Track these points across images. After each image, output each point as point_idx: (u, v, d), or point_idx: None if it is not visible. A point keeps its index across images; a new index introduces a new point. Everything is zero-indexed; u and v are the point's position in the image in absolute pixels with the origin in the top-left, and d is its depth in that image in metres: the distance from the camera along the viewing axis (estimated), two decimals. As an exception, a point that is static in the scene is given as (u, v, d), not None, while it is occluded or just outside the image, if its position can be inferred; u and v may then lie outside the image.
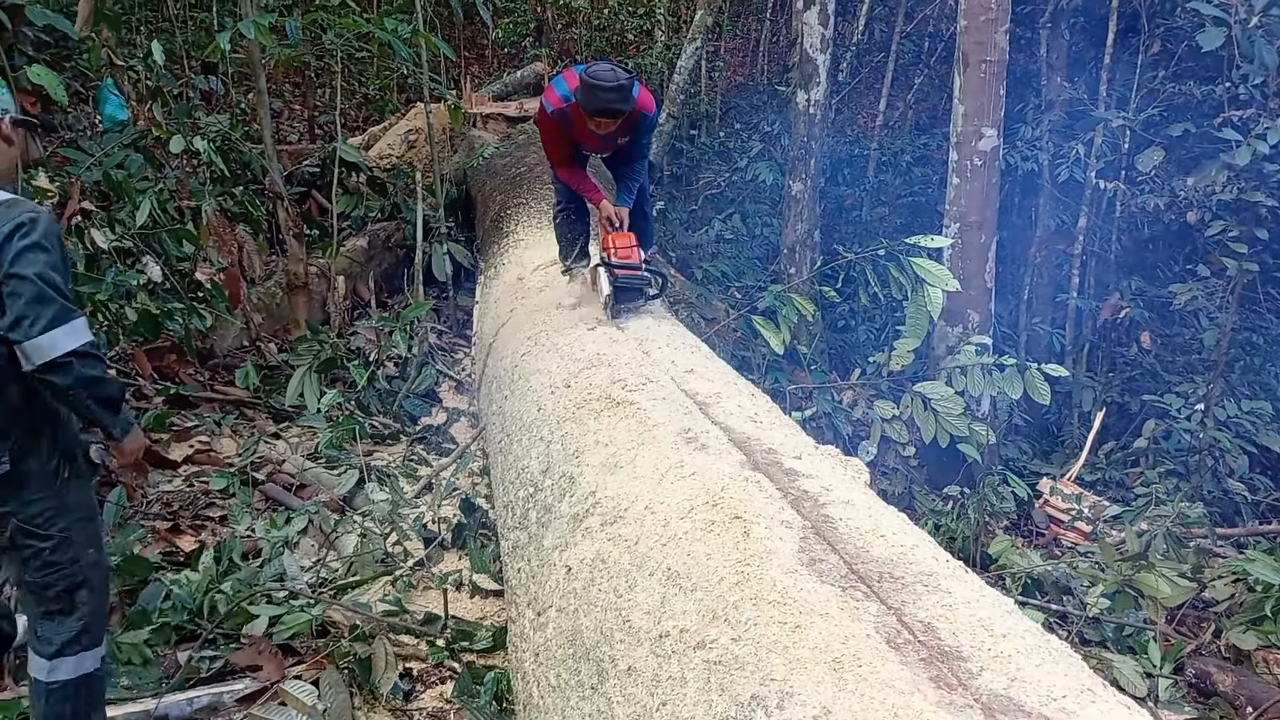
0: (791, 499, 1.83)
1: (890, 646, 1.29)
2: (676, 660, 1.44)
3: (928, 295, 5.93)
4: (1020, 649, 1.30)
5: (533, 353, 3.82)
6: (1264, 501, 6.56)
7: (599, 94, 3.55)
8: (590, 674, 1.63)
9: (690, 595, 1.57)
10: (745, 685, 1.30)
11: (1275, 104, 6.14)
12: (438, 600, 3.31)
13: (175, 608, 3.10)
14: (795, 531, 1.66)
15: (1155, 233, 9.75)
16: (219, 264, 5.01)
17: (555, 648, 1.83)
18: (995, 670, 1.24)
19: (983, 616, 1.39)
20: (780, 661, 1.31)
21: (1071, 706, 1.16)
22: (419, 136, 9.43)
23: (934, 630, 1.34)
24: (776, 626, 1.38)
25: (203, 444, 4.63)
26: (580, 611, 1.81)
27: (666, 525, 1.83)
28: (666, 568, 1.69)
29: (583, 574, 1.91)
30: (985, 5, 5.97)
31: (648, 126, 3.95)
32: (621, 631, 1.62)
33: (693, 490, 1.92)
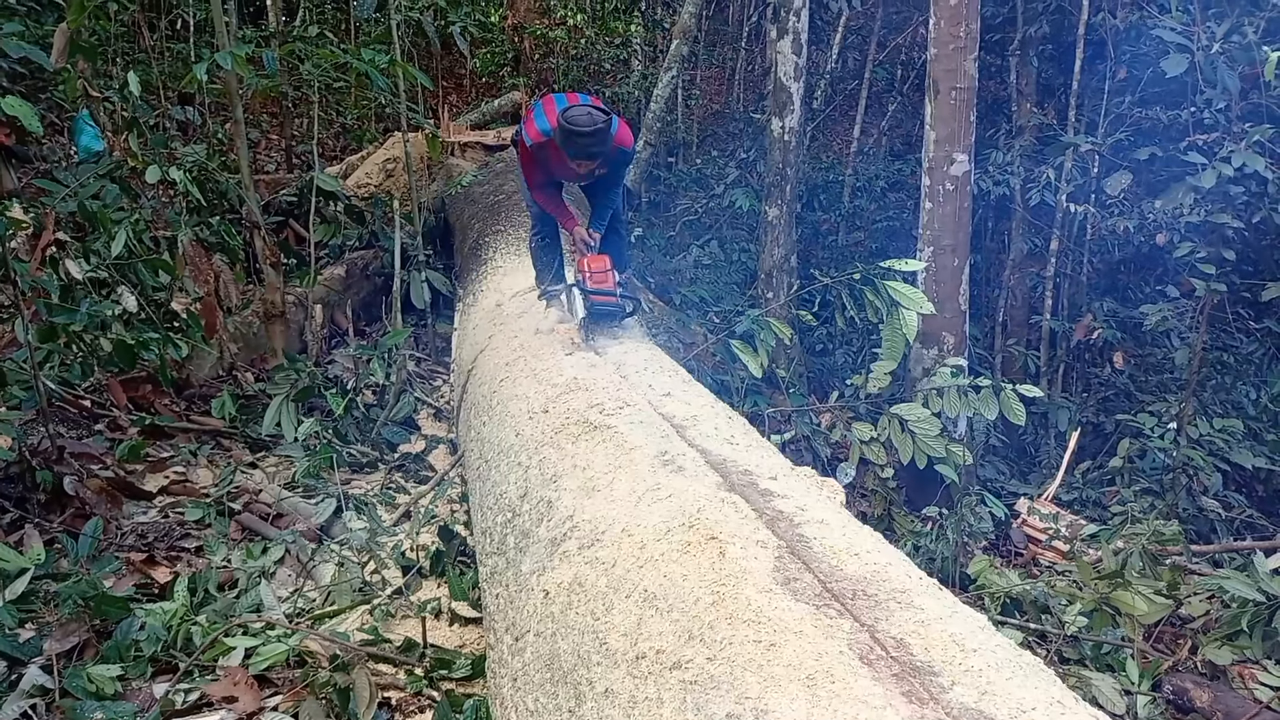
0: (767, 519, 1.84)
1: (863, 663, 1.31)
2: (653, 681, 1.45)
3: (903, 318, 6.00)
4: (991, 663, 1.32)
5: (511, 378, 3.83)
6: (1238, 518, 6.63)
7: (577, 140, 3.62)
8: (568, 697, 1.63)
9: (666, 616, 1.58)
10: (721, 704, 1.31)
11: (1238, 128, 6.28)
12: (416, 628, 3.29)
13: (150, 639, 3.07)
14: (770, 551, 1.68)
15: (1125, 255, 9.92)
16: (195, 294, 5.00)
17: (533, 672, 1.83)
18: (966, 684, 1.25)
19: (954, 632, 1.41)
20: (755, 680, 1.32)
21: (1041, 718, 1.17)
22: (397, 165, 9.45)
23: (906, 646, 1.35)
24: (751, 645, 1.39)
25: (178, 474, 4.59)
26: (558, 635, 1.81)
27: (643, 547, 1.84)
28: (643, 589, 1.70)
29: (560, 598, 1.92)
30: (954, 34, 6.09)
31: (624, 160, 4.02)
32: (599, 654, 1.63)
33: (669, 512, 1.93)
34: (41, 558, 3.48)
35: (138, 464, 4.56)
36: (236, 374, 5.65)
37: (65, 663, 3.03)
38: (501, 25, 17.10)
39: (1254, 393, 7.87)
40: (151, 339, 4.73)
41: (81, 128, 6.86)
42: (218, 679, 3.01)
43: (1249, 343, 8.43)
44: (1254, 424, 7.62)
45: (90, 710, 2.87)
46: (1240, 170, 6.10)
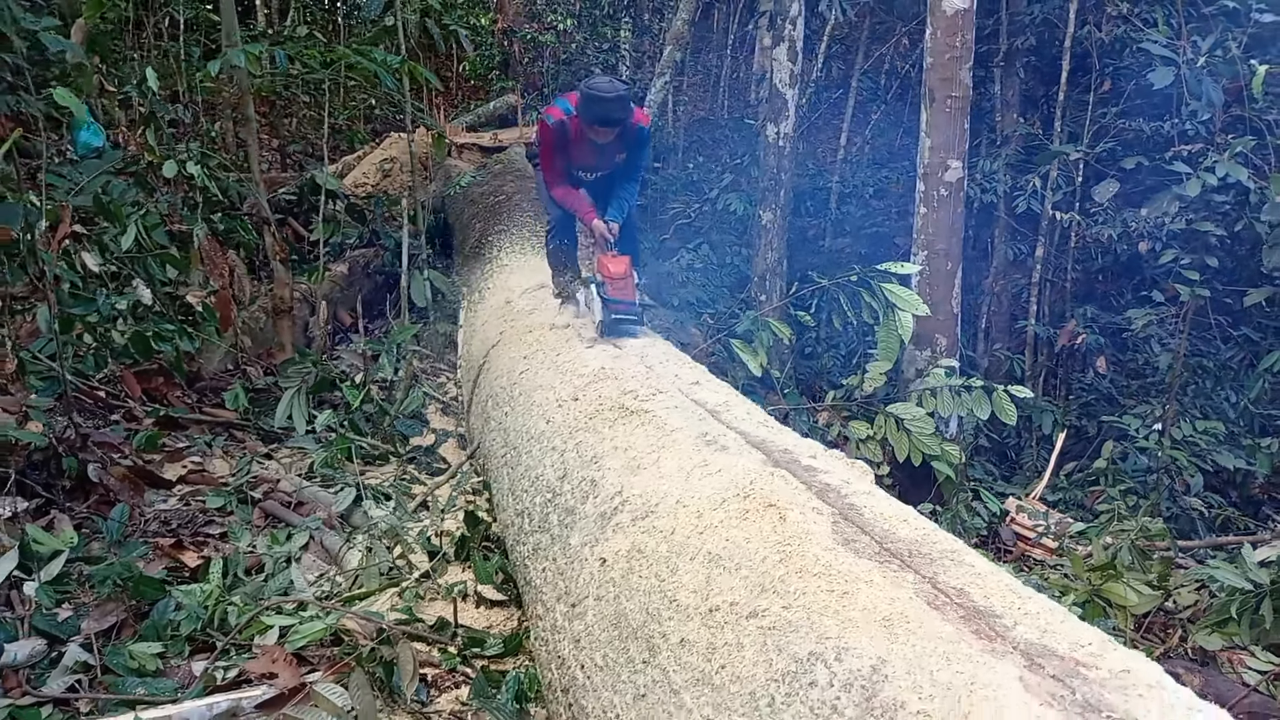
0: (816, 490, 1.97)
1: (931, 607, 1.43)
2: (730, 629, 1.57)
3: (898, 320, 6.17)
4: (1044, 609, 1.45)
5: (532, 370, 3.94)
6: (1219, 517, 6.84)
7: (598, 103, 3.73)
8: (640, 650, 1.74)
9: (735, 574, 1.70)
10: (802, 644, 1.43)
11: (1221, 139, 6.49)
12: (443, 611, 3.38)
13: (190, 618, 3.14)
14: (826, 517, 1.80)
15: (1107, 263, 10.17)
16: (211, 287, 5.06)
17: (598, 632, 1.94)
18: (1027, 625, 1.38)
19: (1008, 583, 1.54)
20: (833, 623, 1.44)
21: (1097, 651, 1.30)
22: (394, 165, 9.54)
23: (967, 594, 1.48)
24: (825, 594, 1.51)
25: (195, 464, 4.65)
26: (622, 597, 1.93)
27: (700, 516, 1.96)
28: (707, 552, 1.82)
29: (619, 565, 2.03)
30: (950, 44, 6.27)
31: (642, 141, 4.12)
32: (669, 610, 1.74)
33: (722, 484, 2.05)
34: (74, 541, 3.54)
35: (155, 454, 4.61)
36: (245, 368, 5.72)
37: (104, 641, 3.10)
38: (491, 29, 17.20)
39: (1234, 397, 8.10)
40: (168, 330, 4.80)
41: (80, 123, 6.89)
42: (254, 657, 3.09)
43: (1228, 349, 8.67)
44: (1232, 427, 7.84)
45: (132, 686, 2.94)
46: (1223, 180, 6.32)
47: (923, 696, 1.22)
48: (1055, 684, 1.22)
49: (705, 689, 1.51)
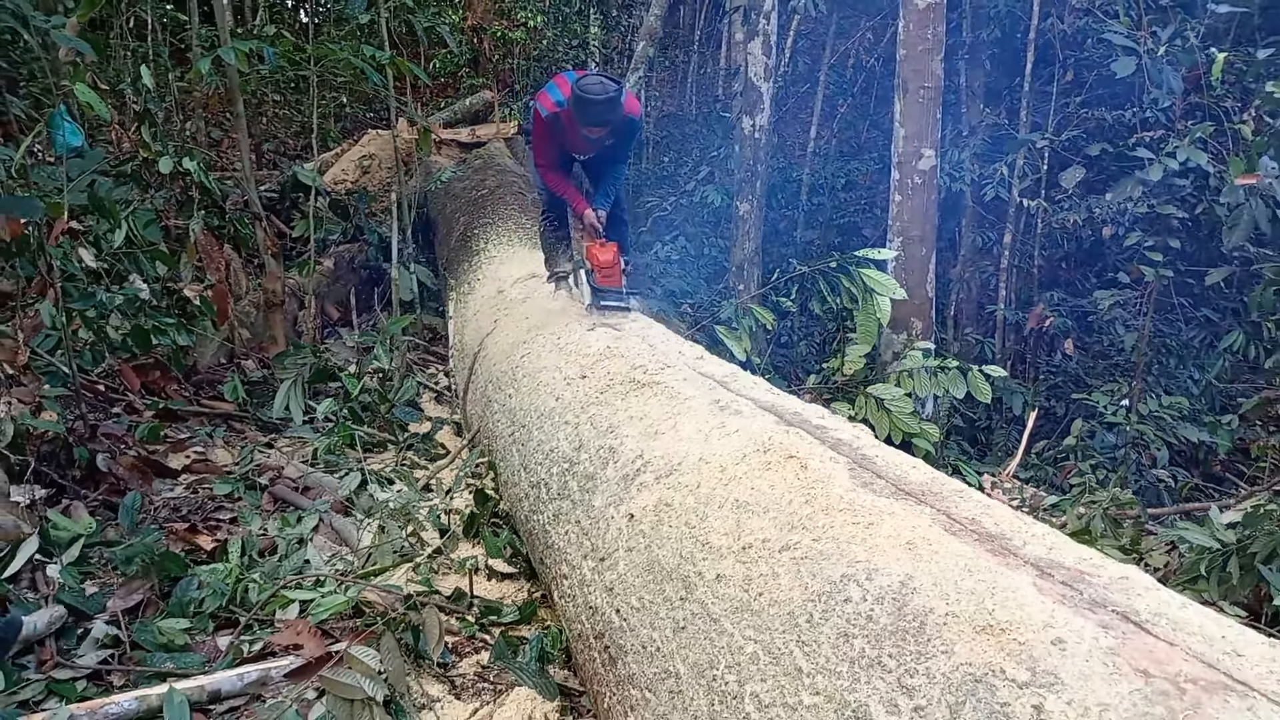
0: (830, 444, 2.13)
1: (949, 533, 1.59)
2: (764, 562, 1.73)
3: (876, 304, 6.37)
4: (1048, 533, 1.62)
5: (533, 353, 4.07)
6: (1184, 486, 7.12)
7: (591, 107, 3.85)
8: (676, 589, 1.89)
9: (764, 516, 1.86)
10: (834, 569, 1.59)
11: (1182, 125, 6.75)
12: (457, 585, 3.51)
13: (214, 594, 3.25)
14: (843, 465, 1.96)
15: (1073, 248, 10.46)
16: (207, 281, 5.14)
17: (631, 579, 2.08)
18: (1035, 544, 1.55)
19: (1013, 514, 1.71)
20: (861, 549, 1.60)
21: (1099, 564, 1.48)
22: (373, 162, 9.60)
23: (979, 522, 1.65)
24: (851, 526, 1.67)
25: (198, 454, 4.74)
26: (654, 546, 2.07)
27: (724, 470, 2.12)
28: (734, 500, 1.97)
29: (647, 519, 2.18)
30: (923, 36, 6.47)
31: (634, 129, 4.25)
32: (702, 552, 1.90)
33: (741, 442, 2.21)
34: (93, 527, 3.63)
35: (158, 444, 4.70)
36: (239, 361, 5.79)
37: (130, 619, 3.20)
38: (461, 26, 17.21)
39: (1196, 374, 8.40)
40: (167, 324, 4.87)
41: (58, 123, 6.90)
42: (278, 631, 3.21)
43: (1190, 329, 8.98)
44: (1195, 404, 8.13)
45: (160, 661, 3.05)
46: (1184, 165, 6.57)
47: (949, 602, 1.39)
48: (1064, 588, 1.38)
49: (745, 614, 1.66)
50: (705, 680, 1.66)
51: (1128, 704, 1.11)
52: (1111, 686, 1.14)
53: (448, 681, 2.97)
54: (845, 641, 1.44)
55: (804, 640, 1.51)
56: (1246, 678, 1.13)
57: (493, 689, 2.93)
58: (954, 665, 1.28)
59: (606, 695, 2.09)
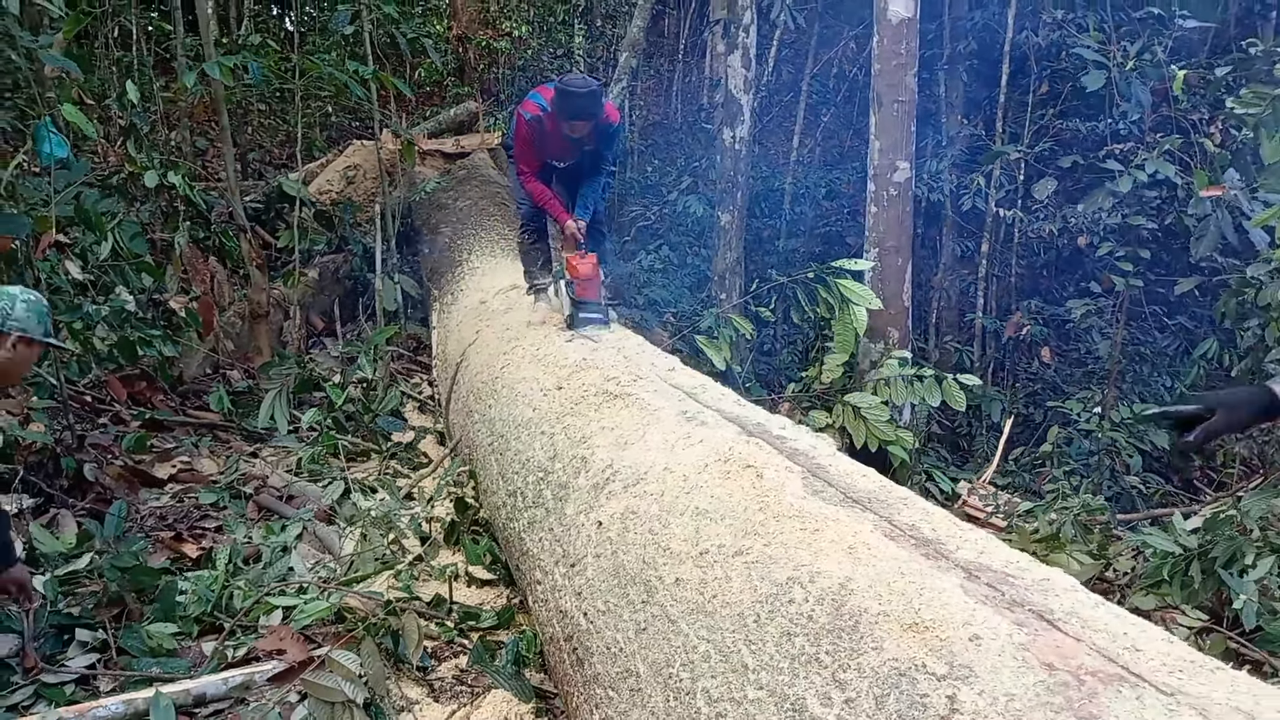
0: (787, 453, 2.24)
1: (888, 539, 1.70)
2: (719, 566, 1.83)
3: (853, 313, 6.50)
4: (981, 538, 1.74)
5: (513, 364, 4.17)
6: (1156, 494, 7.26)
7: (573, 99, 3.98)
8: (639, 593, 2.00)
9: (721, 523, 1.96)
10: (781, 572, 1.70)
11: (1151, 138, 6.91)
12: (437, 591, 3.60)
13: (199, 601, 3.34)
14: (797, 474, 2.07)
15: (1049, 257, 10.64)
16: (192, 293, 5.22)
17: (598, 583, 2.19)
18: (967, 549, 1.66)
19: (952, 521, 1.82)
20: (806, 554, 1.71)
21: (1025, 567, 1.59)
22: (358, 173, 9.67)
23: (917, 529, 1.76)
24: (798, 532, 1.78)
25: (184, 464, 4.82)
26: (619, 552, 2.18)
27: (686, 479, 2.22)
28: (695, 508, 2.08)
29: (615, 525, 2.28)
30: (896, 51, 6.61)
31: (613, 134, 4.37)
32: (664, 557, 2.00)
33: (704, 452, 2.32)
34: (73, 543, 3.70)
35: (145, 454, 4.78)
36: (224, 371, 5.87)
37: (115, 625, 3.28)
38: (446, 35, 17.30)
39: (1170, 381, 8.55)
40: (153, 335, 4.95)
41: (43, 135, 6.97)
42: (262, 636, 3.29)
43: (1164, 338, 9.14)
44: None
45: (147, 665, 3.13)
46: (1153, 176, 6.73)
47: (882, 602, 1.50)
48: (988, 589, 1.50)
49: (699, 616, 1.77)
50: (662, 678, 1.76)
51: (1031, 694, 1.22)
52: (1019, 678, 1.25)
53: (427, 685, 3.06)
54: (788, 640, 1.55)
55: (751, 639, 1.62)
56: (1141, 670, 1.24)
57: (470, 692, 3.02)
58: (882, 660, 1.39)
59: (574, 695, 2.19)
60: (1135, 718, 1.13)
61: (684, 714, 1.64)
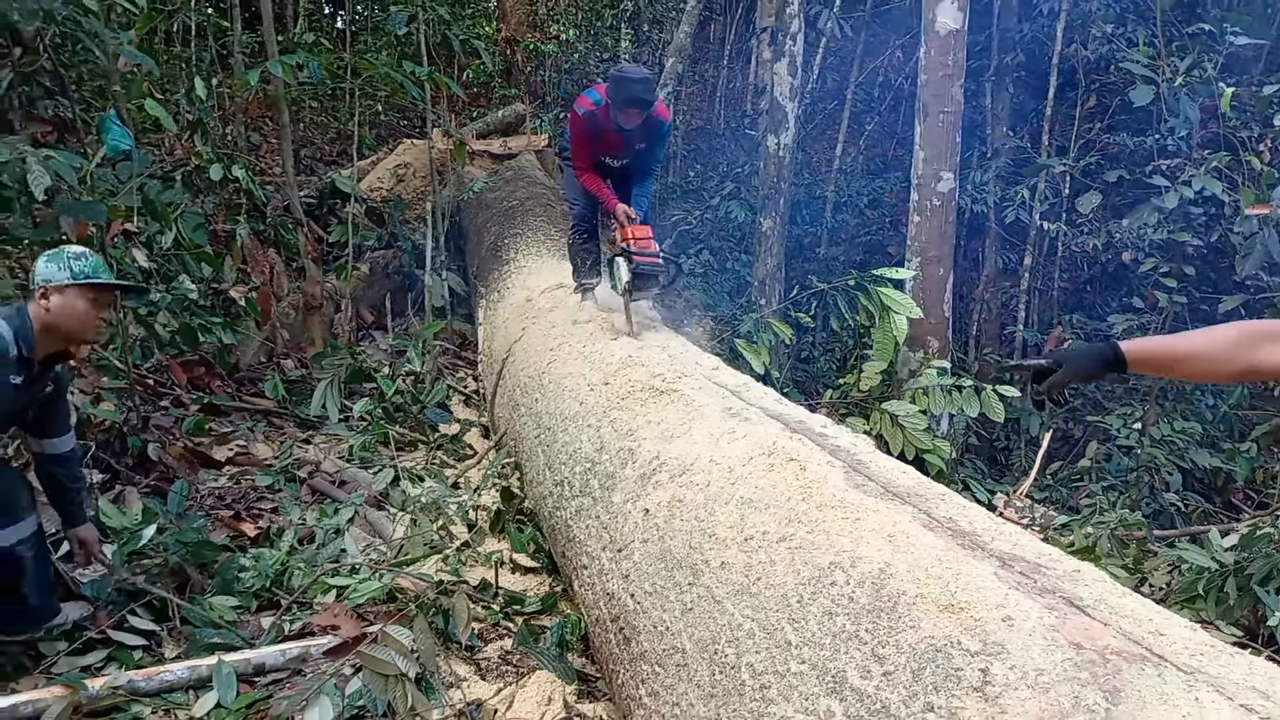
0: (829, 449, 2.33)
1: (926, 529, 1.80)
2: (764, 551, 1.93)
3: (893, 322, 6.55)
4: (1015, 532, 1.82)
5: (559, 360, 4.30)
6: (1195, 512, 7.23)
7: (628, 84, 4.11)
8: (685, 575, 2.11)
9: (765, 511, 2.07)
10: (823, 557, 1.80)
11: (1198, 154, 6.89)
12: (483, 576, 3.73)
13: (259, 576, 3.50)
14: (839, 469, 2.17)
15: (1093, 272, 10.58)
16: (252, 283, 5.41)
17: (645, 566, 2.30)
18: (1001, 541, 1.75)
19: (987, 516, 1.91)
20: (848, 541, 1.81)
21: (1057, 559, 1.67)
22: (408, 171, 9.90)
23: (955, 521, 1.85)
24: (840, 520, 1.88)
25: (241, 448, 5.01)
26: (666, 537, 2.29)
27: (731, 470, 2.33)
28: (739, 497, 2.18)
29: (661, 513, 2.39)
30: (944, 62, 6.66)
31: (663, 133, 4.49)
32: (710, 542, 2.11)
33: (748, 446, 2.42)
34: (139, 518, 3.88)
35: (203, 437, 4.97)
36: (279, 360, 6.06)
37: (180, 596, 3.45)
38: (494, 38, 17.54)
39: (1212, 400, 8.49)
40: (214, 323, 5.15)
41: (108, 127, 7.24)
42: (317, 612, 3.44)
43: (1206, 354, 9.06)
44: (1211, 430, 8.22)
45: (208, 636, 3.29)
46: (1200, 193, 6.72)
47: (920, 585, 1.59)
48: (1021, 577, 1.58)
49: (744, 597, 1.87)
50: (708, 654, 1.87)
51: (1059, 669, 1.31)
52: (1048, 655, 1.34)
53: (474, 664, 3.19)
54: (829, 619, 1.65)
55: (794, 618, 1.72)
56: (1164, 651, 1.33)
57: (515, 671, 3.15)
58: (919, 638, 1.48)
59: (621, 671, 2.30)
60: (1156, 692, 1.22)
61: (729, 686, 1.75)
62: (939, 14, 6.62)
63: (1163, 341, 1.82)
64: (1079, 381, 1.89)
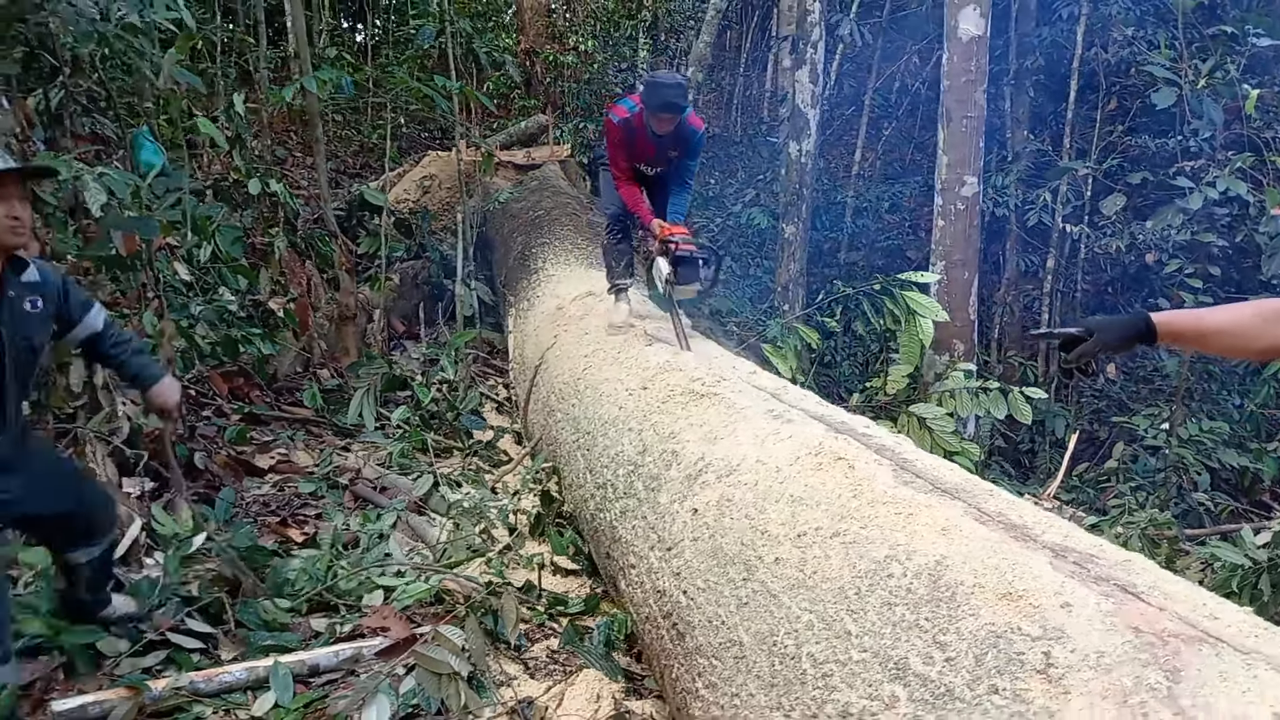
0: (874, 448, 2.40)
1: (978, 522, 1.86)
2: (818, 547, 2.00)
3: (919, 325, 6.59)
4: (1064, 524, 1.88)
5: (595, 366, 4.37)
6: (1224, 512, 7.22)
7: (661, 89, 4.21)
8: (739, 571, 2.17)
9: (816, 508, 2.13)
10: (878, 551, 1.86)
11: (1222, 155, 6.91)
12: (525, 579, 3.81)
13: (310, 579, 3.59)
14: (886, 466, 2.23)
15: (1116, 273, 10.58)
16: (290, 294, 5.53)
17: (697, 563, 2.37)
18: (1052, 533, 1.81)
19: (1035, 510, 1.96)
20: (901, 535, 1.87)
21: (1108, 549, 1.73)
22: (433, 182, 10.02)
23: (1005, 515, 1.91)
24: (893, 516, 1.94)
25: (282, 456, 5.11)
26: (717, 535, 2.36)
27: (779, 470, 2.39)
28: (790, 495, 2.25)
29: (710, 512, 2.46)
30: (966, 68, 6.72)
31: (697, 142, 4.58)
32: (762, 539, 2.17)
33: (794, 447, 2.49)
34: (190, 526, 3.98)
35: (245, 446, 5.07)
36: (315, 370, 6.17)
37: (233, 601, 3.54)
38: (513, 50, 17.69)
39: (1239, 400, 8.48)
40: (254, 334, 5.26)
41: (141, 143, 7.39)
42: (366, 615, 3.53)
43: (1232, 355, 9.05)
44: (1237, 430, 8.21)
45: (262, 639, 3.38)
46: (1224, 194, 6.74)
47: (976, 576, 1.65)
48: (1075, 566, 1.64)
49: (801, 590, 1.94)
50: (766, 646, 1.93)
51: (1120, 651, 1.37)
52: (1108, 639, 1.40)
53: (521, 663, 3.27)
54: (888, 609, 1.72)
55: (852, 609, 1.78)
56: (1220, 633, 1.39)
57: (562, 670, 3.22)
58: (980, 625, 1.55)
59: (675, 666, 2.37)
60: (1216, 670, 1.28)
61: (790, 675, 1.81)
62: (961, 20, 6.68)
63: (1194, 314, 1.85)
64: (1108, 351, 1.90)
